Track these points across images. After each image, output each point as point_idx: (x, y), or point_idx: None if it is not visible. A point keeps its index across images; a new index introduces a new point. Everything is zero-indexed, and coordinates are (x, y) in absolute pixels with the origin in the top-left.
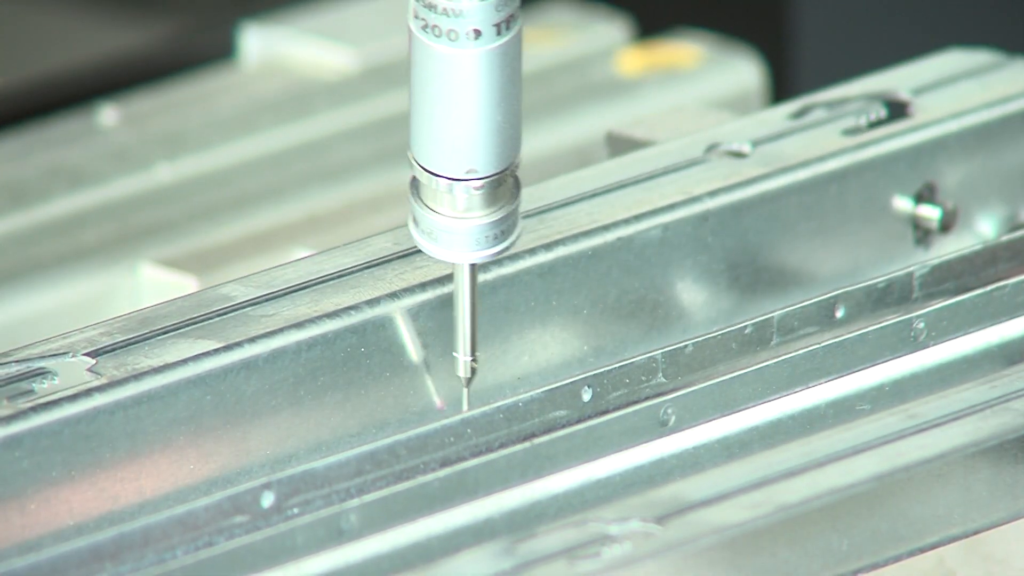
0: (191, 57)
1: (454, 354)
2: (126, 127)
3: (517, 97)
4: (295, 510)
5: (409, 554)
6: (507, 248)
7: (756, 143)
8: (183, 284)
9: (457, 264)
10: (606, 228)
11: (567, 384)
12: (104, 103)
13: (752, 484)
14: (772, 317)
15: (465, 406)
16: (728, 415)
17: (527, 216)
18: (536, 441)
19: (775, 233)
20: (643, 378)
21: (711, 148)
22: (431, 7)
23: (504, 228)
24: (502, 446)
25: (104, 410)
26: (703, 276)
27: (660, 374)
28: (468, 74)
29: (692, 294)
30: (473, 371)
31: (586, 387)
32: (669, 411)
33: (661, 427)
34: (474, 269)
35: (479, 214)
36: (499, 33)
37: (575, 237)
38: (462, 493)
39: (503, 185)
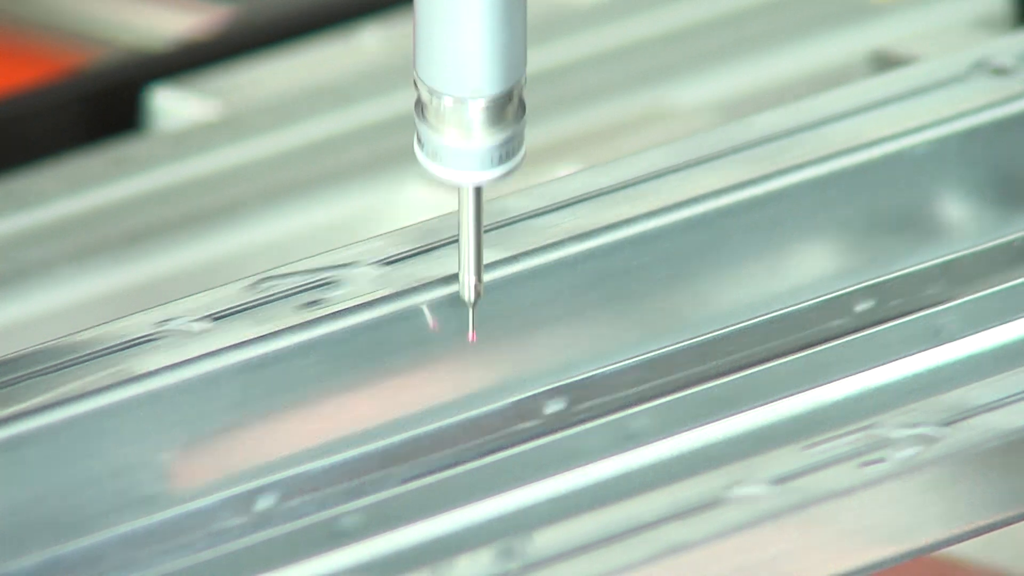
0: None
1: (460, 277)
2: (387, 47)
3: (522, 15)
4: (582, 415)
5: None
6: (512, 169)
7: (1022, 59)
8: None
9: (462, 185)
10: (874, 143)
11: (842, 294)
12: (366, 24)
13: None
14: None
15: (471, 331)
16: (1003, 324)
17: (796, 132)
18: (814, 350)
19: None
20: (921, 288)
21: (977, 65)
22: None
23: (509, 149)
24: (779, 355)
25: (392, 318)
26: (971, 191)
27: (938, 283)
28: None
29: (960, 208)
30: (478, 294)
31: (865, 297)
32: (946, 320)
33: (937, 335)
34: (479, 190)
35: (484, 135)
36: None
37: (846, 152)
38: (747, 399)
39: (508, 105)
